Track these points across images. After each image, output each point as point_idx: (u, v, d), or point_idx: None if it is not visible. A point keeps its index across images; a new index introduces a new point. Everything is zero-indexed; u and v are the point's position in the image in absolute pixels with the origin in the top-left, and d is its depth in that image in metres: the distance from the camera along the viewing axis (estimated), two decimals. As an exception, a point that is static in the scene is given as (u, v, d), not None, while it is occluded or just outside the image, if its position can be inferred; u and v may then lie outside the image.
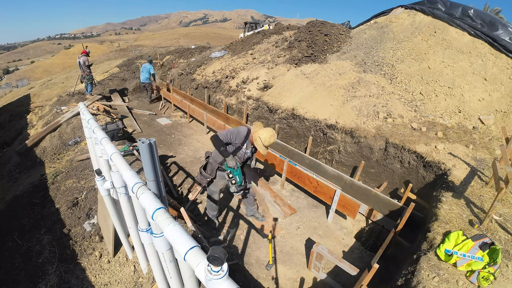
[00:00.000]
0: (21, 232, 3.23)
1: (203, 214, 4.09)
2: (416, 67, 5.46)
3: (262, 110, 6.32)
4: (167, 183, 4.61)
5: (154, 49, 16.08)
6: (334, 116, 4.94)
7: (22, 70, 60.94)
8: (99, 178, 2.36)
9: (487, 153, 3.75)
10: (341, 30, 7.79)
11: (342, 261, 2.77)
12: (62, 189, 3.94)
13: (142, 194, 1.36)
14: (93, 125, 2.34)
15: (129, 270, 2.69)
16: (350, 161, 4.73)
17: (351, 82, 5.55)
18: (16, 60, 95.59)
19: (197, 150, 6.24)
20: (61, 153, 5.19)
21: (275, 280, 3.11)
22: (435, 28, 5.98)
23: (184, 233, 1.07)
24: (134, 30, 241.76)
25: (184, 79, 9.93)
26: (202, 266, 0.92)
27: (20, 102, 11.12)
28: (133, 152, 4.89)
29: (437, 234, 2.51)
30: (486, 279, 2.03)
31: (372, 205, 3.82)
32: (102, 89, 10.27)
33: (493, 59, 5.07)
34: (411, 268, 2.36)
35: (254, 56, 8.66)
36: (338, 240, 3.75)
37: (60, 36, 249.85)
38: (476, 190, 3.08)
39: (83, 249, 2.95)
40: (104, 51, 51.98)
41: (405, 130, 4.30)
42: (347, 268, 2.69)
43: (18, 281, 2.63)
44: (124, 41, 79.58)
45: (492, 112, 4.45)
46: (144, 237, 1.76)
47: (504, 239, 2.43)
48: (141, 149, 1.45)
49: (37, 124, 7.69)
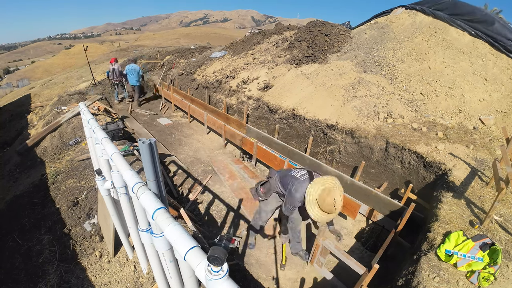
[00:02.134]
0: (22, 232, 3.23)
1: (203, 214, 4.09)
2: (417, 67, 5.46)
3: (262, 110, 6.33)
4: (168, 183, 4.61)
5: (154, 49, 16.09)
6: (335, 116, 4.94)
7: (23, 70, 61.04)
8: (99, 178, 2.36)
9: (487, 153, 3.74)
10: (341, 30, 7.79)
11: (349, 257, 2.60)
12: (63, 189, 3.94)
13: (142, 194, 1.36)
14: (94, 125, 2.34)
15: (129, 270, 2.69)
16: (351, 161, 4.73)
17: (351, 82, 5.55)
18: (16, 60, 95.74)
19: (197, 150, 6.24)
20: (61, 153, 5.20)
21: (275, 280, 3.11)
22: (435, 28, 5.97)
23: (184, 233, 1.07)
24: (134, 30, 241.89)
25: (185, 79, 9.93)
26: (202, 266, 0.92)
27: (21, 102, 11.14)
28: (133, 152, 4.89)
29: (438, 235, 2.51)
30: (487, 279, 2.03)
31: (372, 205, 3.82)
32: (103, 89, 10.28)
33: (493, 59, 5.07)
34: (411, 268, 2.36)
35: (254, 56, 8.66)
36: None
37: (60, 36, 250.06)
38: (476, 191, 3.08)
39: (83, 249, 2.96)
40: (105, 51, 52.04)
41: (405, 130, 4.30)
42: (354, 266, 2.56)
43: (18, 281, 2.63)
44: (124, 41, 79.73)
45: (493, 113, 4.45)
46: (144, 237, 1.76)
47: (505, 239, 2.43)
48: (141, 149, 1.45)
49: (38, 124, 7.69)
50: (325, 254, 2.94)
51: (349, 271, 3.17)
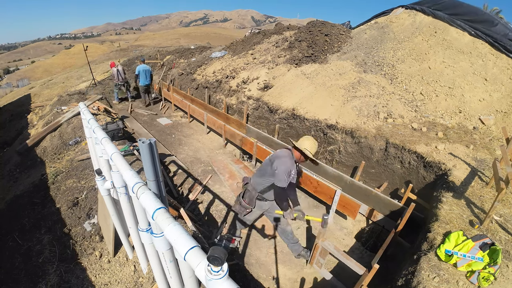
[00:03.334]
0: (21, 232, 3.23)
1: (203, 214, 4.09)
2: (417, 67, 5.46)
3: (262, 110, 6.32)
4: (168, 183, 4.61)
5: (154, 49, 16.08)
6: (335, 116, 4.94)
7: (23, 70, 61.03)
8: (99, 178, 2.36)
9: (487, 153, 3.74)
10: (341, 30, 7.79)
11: (349, 258, 2.62)
12: (63, 189, 3.94)
13: (142, 194, 1.36)
14: (94, 125, 2.34)
15: (129, 270, 2.69)
16: (351, 161, 4.73)
17: (351, 82, 5.55)
18: (16, 60, 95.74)
19: (197, 150, 6.24)
20: (61, 153, 5.20)
21: (275, 280, 3.11)
22: (435, 28, 5.97)
23: (184, 233, 1.07)
24: (134, 30, 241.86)
25: (185, 79, 9.93)
26: (202, 266, 0.92)
27: (21, 102, 11.13)
28: (133, 152, 4.89)
29: (438, 235, 2.51)
30: (487, 279, 2.03)
31: (372, 205, 3.82)
32: (103, 89, 10.27)
33: (493, 59, 5.07)
34: (411, 268, 2.36)
35: (254, 56, 8.65)
36: (338, 241, 3.75)
37: (60, 36, 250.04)
38: (476, 191, 3.08)
39: (83, 249, 2.95)
40: (105, 51, 52.00)
41: (405, 130, 4.30)
42: (354, 266, 2.58)
43: (18, 281, 2.63)
44: (124, 41, 79.74)
45: (493, 113, 4.45)
46: (144, 237, 1.76)
47: (505, 239, 2.43)
48: (141, 149, 1.45)
49: (38, 124, 7.69)
50: (324, 255, 2.94)
51: (349, 271, 3.17)
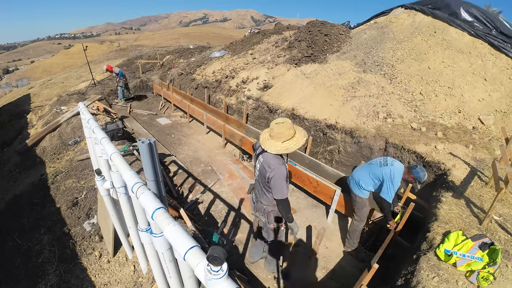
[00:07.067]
0: (21, 232, 3.23)
1: (203, 214, 4.09)
2: (416, 67, 5.46)
3: (262, 110, 6.32)
4: (167, 183, 4.61)
5: (154, 49, 16.09)
6: (334, 116, 4.94)
7: (22, 70, 60.92)
8: (99, 178, 2.36)
9: (487, 153, 3.75)
10: (341, 30, 7.79)
11: None
12: (62, 189, 3.94)
13: (142, 194, 1.36)
14: (93, 125, 2.33)
15: (129, 270, 2.69)
16: (350, 161, 4.73)
17: (351, 82, 5.55)
18: (16, 60, 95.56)
19: (197, 150, 6.24)
20: (61, 153, 5.19)
21: (276, 280, 3.11)
22: (435, 28, 5.98)
23: (184, 233, 1.07)
24: (134, 30, 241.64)
25: (184, 79, 9.92)
26: (202, 266, 0.92)
27: (20, 102, 11.12)
28: (133, 152, 4.89)
29: (437, 234, 2.51)
30: (486, 279, 2.03)
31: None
32: (102, 89, 10.27)
33: (493, 59, 5.07)
34: (410, 268, 2.36)
35: (254, 56, 8.66)
36: (338, 240, 3.75)
37: (60, 36, 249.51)
38: (476, 190, 3.08)
39: (83, 249, 2.95)
40: (104, 51, 51.93)
41: (405, 130, 4.30)
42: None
43: (18, 281, 2.63)
44: (124, 41, 79.59)
45: (492, 112, 4.45)
46: (143, 237, 1.76)
47: (504, 239, 2.43)
48: (141, 149, 1.45)
49: (37, 124, 7.68)
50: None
51: (348, 271, 3.18)
